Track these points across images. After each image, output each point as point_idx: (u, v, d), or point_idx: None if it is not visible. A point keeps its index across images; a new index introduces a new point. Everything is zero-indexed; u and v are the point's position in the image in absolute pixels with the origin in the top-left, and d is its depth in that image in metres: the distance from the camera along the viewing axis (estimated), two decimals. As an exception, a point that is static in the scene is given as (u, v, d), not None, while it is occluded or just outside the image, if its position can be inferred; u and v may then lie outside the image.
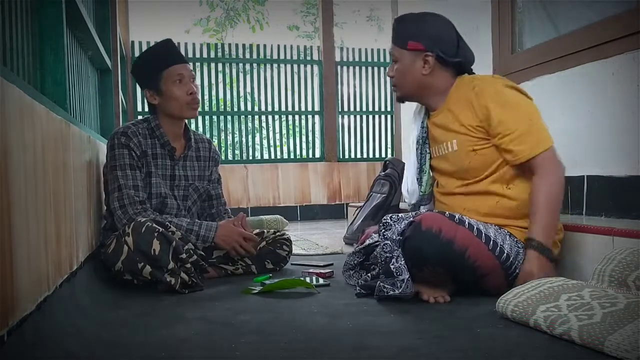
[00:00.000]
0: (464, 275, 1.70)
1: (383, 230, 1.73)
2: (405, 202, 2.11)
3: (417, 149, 2.02)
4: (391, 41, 1.97)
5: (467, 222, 1.71)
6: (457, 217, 1.72)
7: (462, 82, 1.90)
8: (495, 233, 1.74)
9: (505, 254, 1.70)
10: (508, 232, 1.78)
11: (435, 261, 1.65)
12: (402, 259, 1.67)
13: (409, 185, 2.06)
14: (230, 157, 5.70)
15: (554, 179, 1.75)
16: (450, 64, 1.89)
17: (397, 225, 1.72)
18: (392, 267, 1.66)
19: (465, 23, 3.25)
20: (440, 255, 1.64)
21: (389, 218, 1.75)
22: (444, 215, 1.72)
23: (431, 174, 2.01)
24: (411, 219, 1.72)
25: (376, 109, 6.10)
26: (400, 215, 1.76)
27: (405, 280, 1.64)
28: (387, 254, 1.68)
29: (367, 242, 2.04)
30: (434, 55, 1.87)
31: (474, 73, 1.95)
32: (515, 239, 1.77)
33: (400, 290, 1.64)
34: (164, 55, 2.19)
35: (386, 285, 1.67)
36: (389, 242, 1.69)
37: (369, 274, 1.88)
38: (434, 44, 1.87)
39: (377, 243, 1.94)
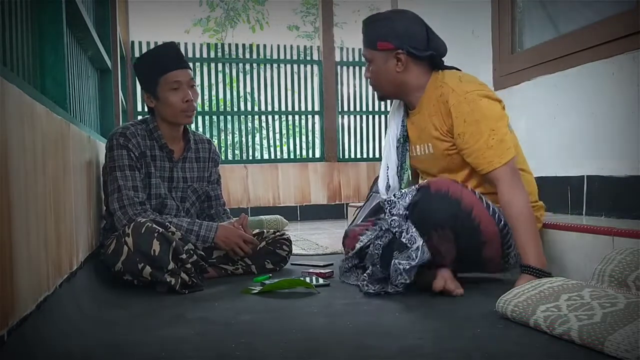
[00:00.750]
0: (467, 239, 1.73)
1: (389, 208, 1.76)
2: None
3: (397, 147, 2.05)
4: (362, 44, 1.98)
5: (469, 187, 1.79)
6: (460, 184, 1.79)
7: (434, 83, 1.91)
8: (493, 204, 1.80)
9: (502, 222, 1.77)
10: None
11: (444, 221, 1.68)
12: (412, 228, 1.69)
13: (391, 182, 2.07)
14: (230, 157, 5.71)
15: (518, 197, 1.76)
16: (422, 58, 1.90)
17: (401, 202, 1.75)
18: (403, 239, 1.69)
19: (464, 24, 3.25)
20: (449, 213, 1.69)
21: (392, 196, 1.78)
22: (449, 180, 1.78)
23: (410, 171, 2.06)
24: (416, 189, 1.75)
25: (376, 109, 6.10)
26: (403, 191, 1.79)
27: (419, 247, 1.66)
28: (396, 229, 1.71)
29: (358, 245, 2.04)
30: (405, 52, 1.88)
31: (451, 68, 1.95)
32: None
33: (417, 260, 1.66)
34: (163, 61, 2.16)
35: (401, 262, 1.68)
36: (396, 217, 1.72)
37: (370, 270, 1.88)
38: (403, 41, 1.88)
39: (369, 245, 1.96)
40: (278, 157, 5.86)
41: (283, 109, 5.88)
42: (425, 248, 1.67)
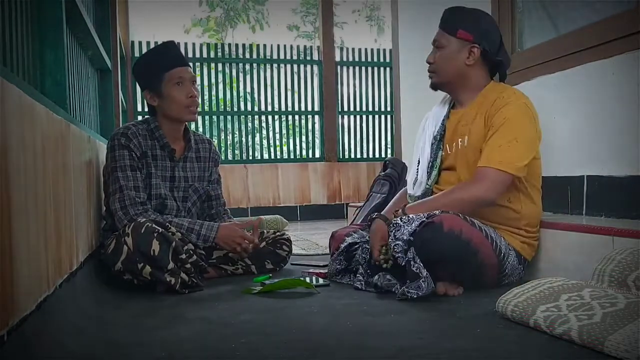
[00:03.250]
0: (469, 272, 1.78)
1: (394, 231, 1.75)
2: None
3: (432, 144, 2.06)
4: (439, 28, 2.01)
5: (477, 224, 1.80)
6: (468, 218, 1.80)
7: (495, 90, 1.96)
8: (494, 234, 1.84)
9: (502, 254, 1.82)
10: (500, 235, 1.88)
11: (452, 259, 1.71)
12: (418, 258, 1.69)
13: (419, 176, 2.07)
14: (230, 157, 5.71)
15: (471, 194, 1.81)
16: (491, 61, 1.98)
17: (407, 227, 1.74)
18: (414, 268, 1.68)
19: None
20: (459, 254, 1.72)
21: (399, 220, 1.78)
22: (459, 216, 1.77)
23: (438, 170, 2.05)
24: (423, 219, 1.73)
25: (376, 109, 6.10)
26: (410, 216, 1.77)
27: (426, 279, 1.67)
28: (399, 254, 1.71)
29: (342, 245, 2.05)
30: (481, 48, 1.94)
31: (505, 79, 2.06)
32: (507, 242, 1.88)
33: (424, 291, 1.66)
34: (166, 58, 2.18)
35: (410, 290, 1.68)
36: (400, 242, 1.72)
37: (362, 271, 1.91)
38: (481, 38, 1.94)
39: (356, 247, 1.97)
40: (278, 157, 5.86)
41: (283, 109, 5.88)
42: (430, 279, 1.68)
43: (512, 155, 1.80)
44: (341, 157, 5.96)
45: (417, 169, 2.10)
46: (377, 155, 6.09)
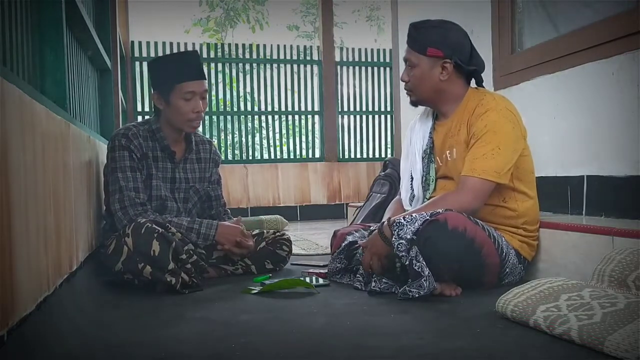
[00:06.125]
0: (471, 271, 1.78)
1: (397, 230, 1.75)
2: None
3: (423, 158, 2.06)
4: (407, 46, 1.99)
5: (480, 223, 1.81)
6: (471, 217, 1.81)
7: (474, 97, 1.96)
8: (495, 233, 1.85)
9: (504, 253, 1.83)
10: (500, 234, 1.89)
11: (456, 258, 1.71)
12: (421, 256, 1.69)
13: (416, 192, 2.08)
14: (230, 157, 5.70)
15: (454, 204, 1.81)
16: (465, 71, 1.96)
17: (409, 226, 1.74)
18: (415, 267, 1.67)
19: (464, 23, 3.24)
20: (464, 252, 1.72)
21: (402, 218, 1.78)
22: (462, 215, 1.78)
23: (434, 182, 2.05)
24: (426, 217, 1.73)
25: (376, 109, 6.10)
26: (413, 216, 1.77)
27: (427, 278, 1.67)
28: (403, 253, 1.70)
29: (343, 244, 2.07)
30: (452, 62, 1.93)
31: (482, 83, 2.03)
32: (506, 241, 1.89)
33: (425, 290, 1.66)
34: (183, 69, 2.15)
35: (412, 289, 1.68)
36: (403, 241, 1.71)
37: (362, 271, 1.91)
38: (452, 51, 1.93)
39: (357, 246, 1.97)
40: (278, 157, 5.86)
41: (283, 109, 5.87)
42: (432, 278, 1.68)
43: (495, 163, 1.82)
44: (341, 157, 5.95)
45: (411, 185, 2.10)
46: (377, 155, 6.08)
